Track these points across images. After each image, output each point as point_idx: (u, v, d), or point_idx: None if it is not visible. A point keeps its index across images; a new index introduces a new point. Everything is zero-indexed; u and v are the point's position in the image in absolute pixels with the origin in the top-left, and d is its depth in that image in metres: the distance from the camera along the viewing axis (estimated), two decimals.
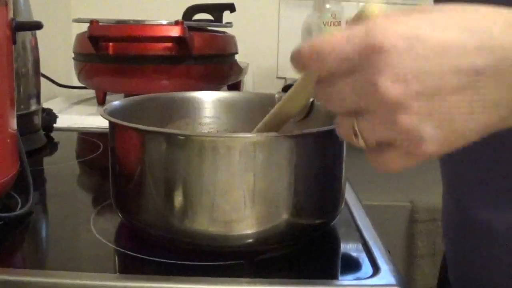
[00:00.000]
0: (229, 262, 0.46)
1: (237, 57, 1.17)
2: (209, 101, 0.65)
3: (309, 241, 0.50)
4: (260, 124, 0.50)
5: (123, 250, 0.49)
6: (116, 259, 0.49)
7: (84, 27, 0.99)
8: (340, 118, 0.36)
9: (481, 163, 0.49)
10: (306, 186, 0.48)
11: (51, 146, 0.86)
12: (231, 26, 1.17)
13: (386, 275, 0.45)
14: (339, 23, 1.56)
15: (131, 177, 0.49)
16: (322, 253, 0.50)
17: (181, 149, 0.45)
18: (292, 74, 1.65)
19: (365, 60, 0.32)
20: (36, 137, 0.82)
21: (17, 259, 0.49)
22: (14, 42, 0.57)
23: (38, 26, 0.71)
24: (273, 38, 1.64)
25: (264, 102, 0.62)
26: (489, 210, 0.47)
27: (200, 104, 0.65)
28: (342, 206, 0.53)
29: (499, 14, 0.32)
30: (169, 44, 1.00)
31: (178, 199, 0.46)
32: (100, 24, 0.99)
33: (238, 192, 0.45)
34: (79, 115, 1.04)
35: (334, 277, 0.46)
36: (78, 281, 0.43)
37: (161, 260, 0.46)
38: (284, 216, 0.46)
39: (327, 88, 0.35)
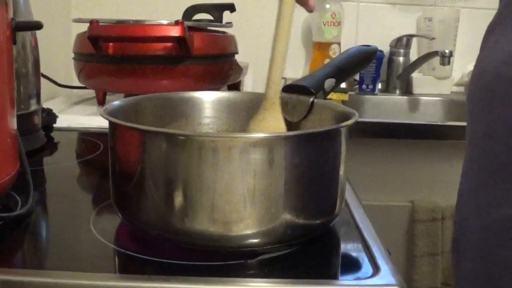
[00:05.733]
0: (229, 262, 0.46)
1: (237, 57, 1.17)
2: (209, 101, 0.65)
3: (309, 241, 0.50)
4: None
5: (123, 250, 0.49)
6: (116, 259, 0.49)
7: (84, 27, 0.99)
8: None
9: None
10: (306, 186, 0.48)
11: (51, 146, 0.86)
12: (231, 26, 1.17)
13: (386, 275, 0.45)
14: (339, 23, 1.56)
15: (131, 177, 0.49)
16: (322, 253, 0.50)
17: (181, 149, 0.46)
18: (292, 74, 1.65)
19: None
20: (36, 137, 0.82)
21: (17, 259, 0.49)
22: (14, 42, 0.57)
23: (38, 26, 0.71)
24: None
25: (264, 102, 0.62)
26: None
27: (200, 104, 0.65)
28: (342, 206, 0.53)
29: None
30: (169, 44, 1.00)
31: (178, 199, 0.46)
32: (100, 24, 0.99)
33: (238, 192, 0.45)
34: (79, 115, 1.04)
35: (334, 277, 0.46)
36: (78, 281, 0.43)
37: (161, 260, 0.47)
38: (284, 216, 0.46)
39: None
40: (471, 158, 0.54)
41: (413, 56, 1.65)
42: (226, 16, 1.21)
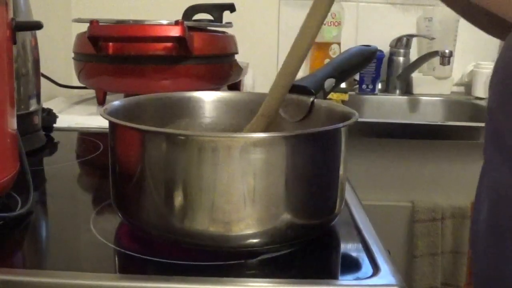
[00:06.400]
0: (229, 262, 0.46)
1: (237, 57, 1.17)
2: (209, 101, 0.65)
3: (309, 241, 0.50)
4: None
5: (123, 250, 0.49)
6: (116, 259, 0.49)
7: (84, 27, 0.99)
8: None
9: None
10: (306, 186, 0.48)
11: (51, 146, 0.86)
12: (231, 26, 1.17)
13: (386, 275, 0.45)
14: (339, 23, 1.56)
15: (131, 177, 0.49)
16: (322, 253, 0.50)
17: (181, 149, 0.46)
18: None
19: None
20: (36, 137, 0.82)
21: (17, 259, 0.49)
22: (14, 42, 0.57)
23: (38, 26, 0.71)
24: (273, 38, 1.64)
25: None
26: None
27: (200, 104, 0.65)
28: (342, 206, 0.53)
29: None
30: (169, 44, 1.00)
31: (178, 199, 0.46)
32: (100, 24, 0.99)
33: (238, 192, 0.45)
34: (79, 115, 1.04)
35: (334, 277, 0.46)
36: (78, 281, 0.43)
37: (161, 260, 0.47)
38: (284, 216, 0.46)
39: None
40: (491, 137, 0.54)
41: (413, 56, 1.65)
42: (226, 16, 1.21)
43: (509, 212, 0.48)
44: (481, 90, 1.61)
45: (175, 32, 0.98)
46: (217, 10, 1.20)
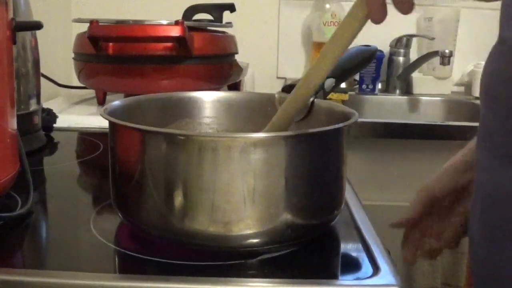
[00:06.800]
0: (229, 262, 0.46)
1: (237, 57, 1.17)
2: (209, 101, 0.65)
3: (309, 241, 0.50)
4: (273, 119, 0.52)
5: (123, 250, 0.49)
6: (116, 259, 0.49)
7: (84, 27, 0.99)
8: None
9: None
10: (306, 186, 0.48)
11: (51, 146, 0.86)
12: (231, 26, 1.17)
13: (386, 275, 0.45)
14: (339, 23, 1.57)
15: (131, 177, 0.49)
16: (322, 253, 0.50)
17: (181, 149, 0.46)
18: (292, 74, 1.65)
19: None
20: (36, 137, 0.82)
21: (17, 259, 0.49)
22: (14, 42, 0.57)
23: (38, 26, 0.71)
24: (273, 38, 1.64)
25: (264, 102, 0.62)
26: None
27: (200, 104, 0.65)
28: (342, 206, 0.53)
29: None
30: (169, 44, 1.00)
31: (178, 199, 0.46)
32: (100, 24, 0.99)
33: (238, 192, 0.45)
34: (79, 115, 1.04)
35: (334, 277, 0.46)
36: (78, 281, 0.43)
37: (161, 260, 0.47)
38: (284, 216, 0.46)
39: None
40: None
41: (413, 56, 1.65)
42: (226, 16, 1.21)
43: (507, 211, 0.48)
44: None
45: (175, 32, 0.98)
46: (217, 10, 1.20)
